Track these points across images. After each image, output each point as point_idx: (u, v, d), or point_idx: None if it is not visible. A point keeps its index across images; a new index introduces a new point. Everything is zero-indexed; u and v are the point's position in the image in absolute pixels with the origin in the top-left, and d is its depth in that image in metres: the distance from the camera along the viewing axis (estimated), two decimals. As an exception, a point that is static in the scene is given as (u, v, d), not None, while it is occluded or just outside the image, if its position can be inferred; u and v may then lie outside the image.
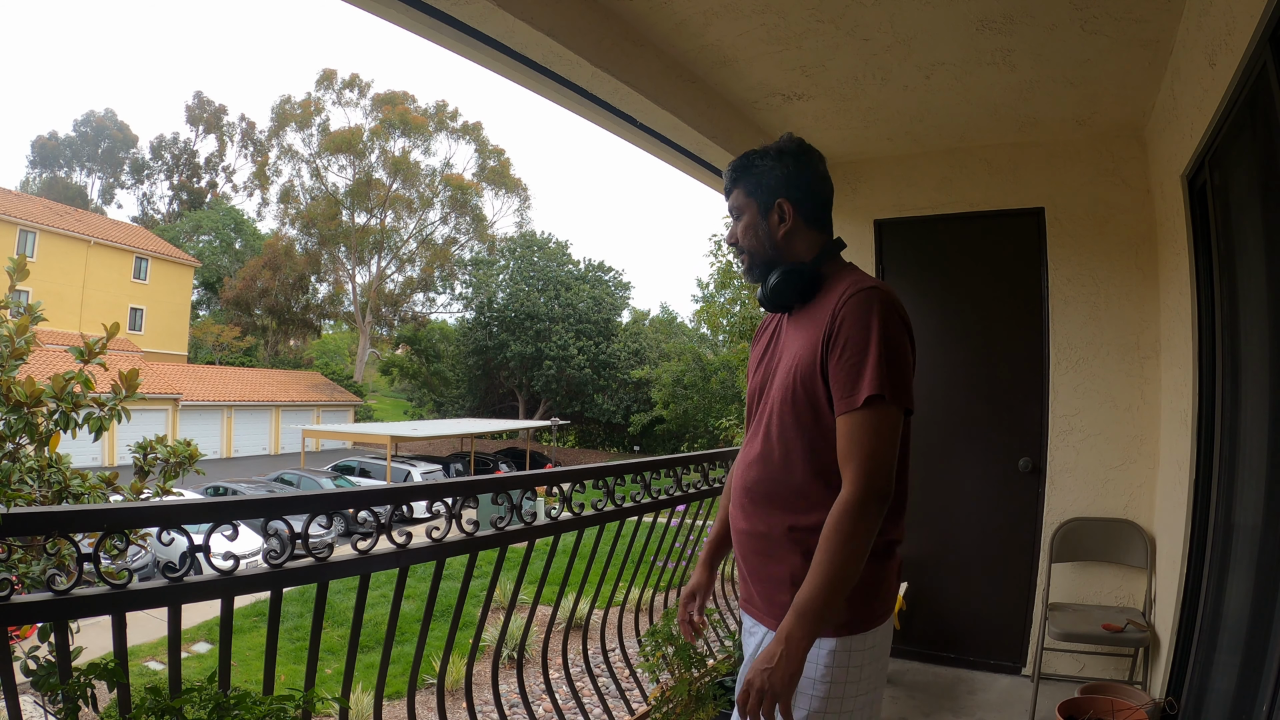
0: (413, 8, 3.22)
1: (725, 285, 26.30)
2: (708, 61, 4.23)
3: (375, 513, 2.83)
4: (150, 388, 36.04)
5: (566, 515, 3.53)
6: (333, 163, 64.71)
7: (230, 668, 2.50)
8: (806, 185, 2.27)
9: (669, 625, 4.20)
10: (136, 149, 75.65)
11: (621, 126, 4.51)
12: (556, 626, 4.25)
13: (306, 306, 66.84)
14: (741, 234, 2.32)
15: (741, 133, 4.91)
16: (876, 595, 2.10)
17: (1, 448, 4.59)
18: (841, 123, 5.06)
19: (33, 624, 2.62)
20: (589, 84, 3.92)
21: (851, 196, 5.84)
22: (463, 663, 6.04)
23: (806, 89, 4.52)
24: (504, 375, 54.25)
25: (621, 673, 4.88)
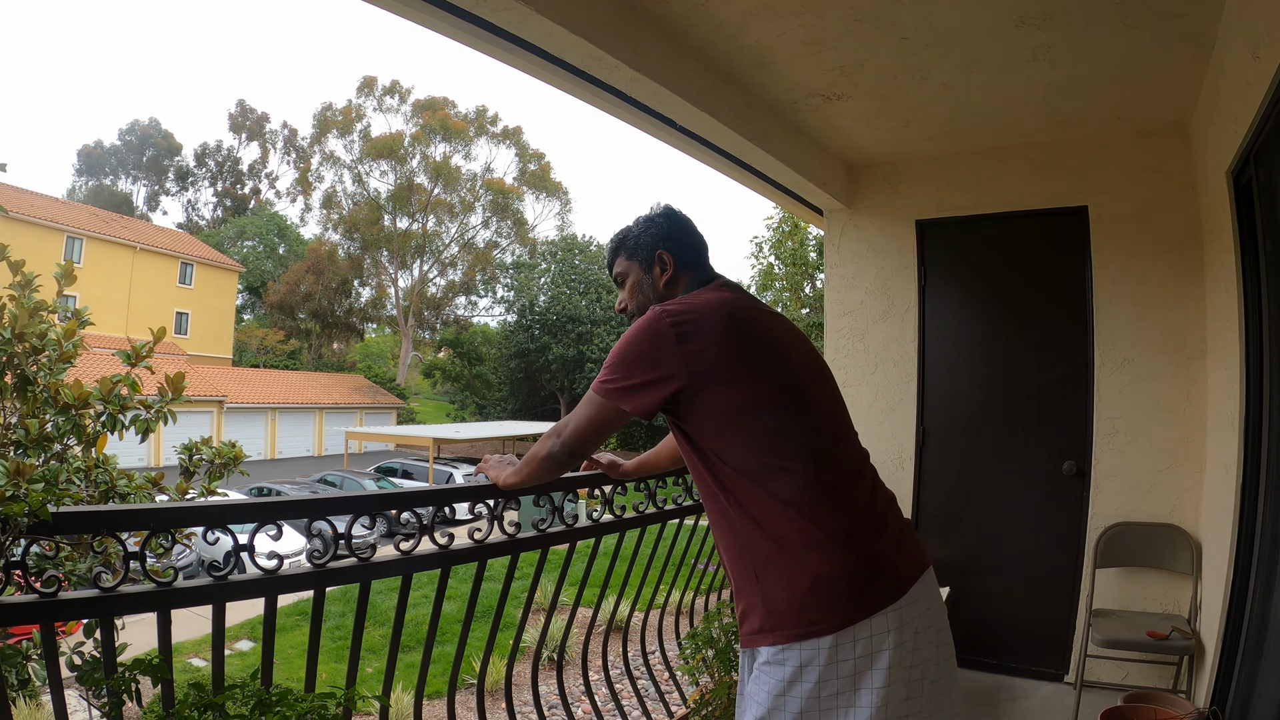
0: (452, 14, 3.23)
1: (766, 287, 26.14)
2: (746, 63, 4.21)
3: (418, 514, 2.84)
4: (196, 390, 36.47)
5: (608, 517, 3.49)
6: (374, 168, 65.40)
7: (273, 665, 2.51)
8: (678, 235, 2.53)
9: (709, 628, 4.18)
10: (181, 157, 76.75)
11: (661, 129, 4.48)
12: (597, 628, 4.24)
13: (349, 310, 67.42)
14: (629, 296, 2.56)
15: (782, 134, 4.89)
16: (810, 602, 2.00)
17: (49, 449, 4.65)
18: (881, 122, 5.03)
19: (79, 620, 2.66)
20: (628, 87, 3.90)
21: (892, 197, 5.82)
22: (503, 663, 6.07)
23: (846, 89, 4.49)
24: (546, 378, 54.34)
25: (661, 675, 4.87)
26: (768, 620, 2.01)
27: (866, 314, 5.89)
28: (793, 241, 24.63)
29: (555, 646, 4.51)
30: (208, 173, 77.74)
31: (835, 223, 6.08)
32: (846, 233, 6.03)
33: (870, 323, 5.86)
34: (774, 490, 2.03)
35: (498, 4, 3.09)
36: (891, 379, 5.74)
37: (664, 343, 2.12)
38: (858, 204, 5.97)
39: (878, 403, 5.75)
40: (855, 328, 5.91)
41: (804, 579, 1.97)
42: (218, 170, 77.89)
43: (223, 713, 2.14)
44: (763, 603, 2.02)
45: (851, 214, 5.99)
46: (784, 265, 25.17)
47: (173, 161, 76.29)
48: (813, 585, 1.96)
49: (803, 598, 1.97)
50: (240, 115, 77.29)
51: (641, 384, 2.15)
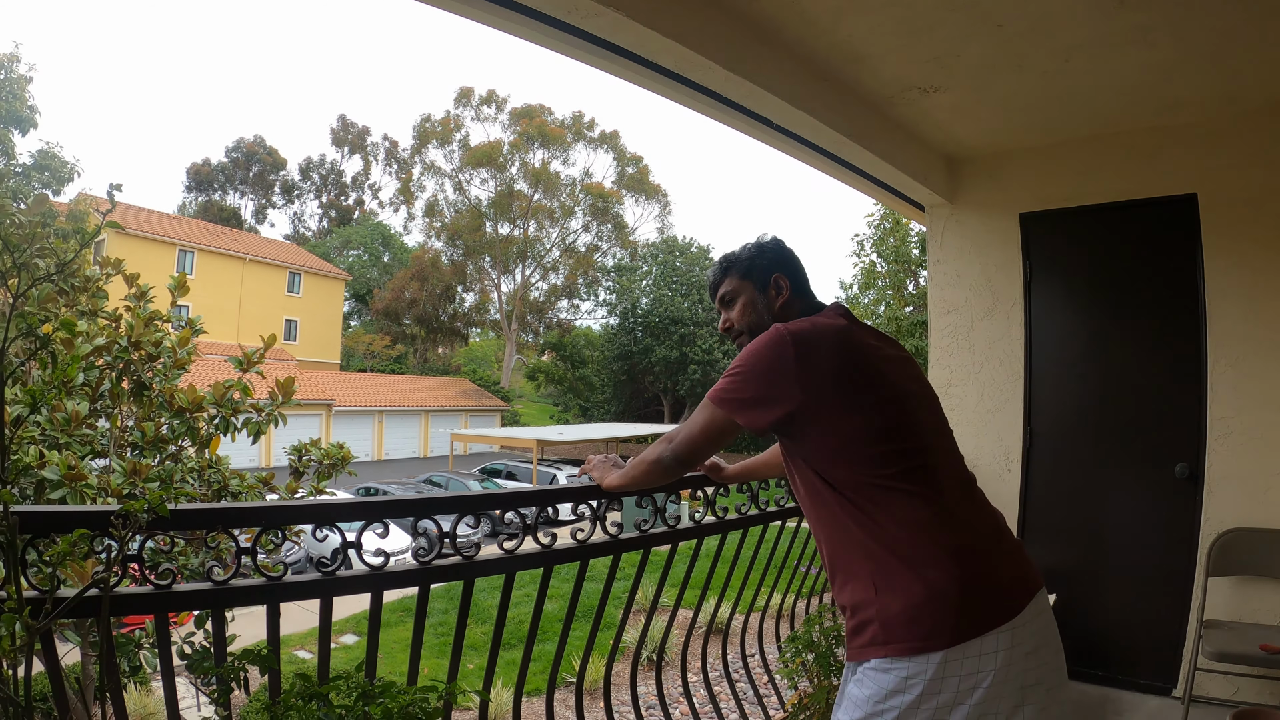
0: (544, 23, 3.26)
1: (869, 286, 25.78)
2: (840, 58, 4.16)
3: (521, 514, 2.87)
4: (305, 394, 37.30)
5: (710, 519, 3.49)
6: (474, 176, 66.37)
7: (377, 658, 2.58)
8: (792, 263, 2.61)
9: (810, 632, 4.15)
10: (286, 171, 79.71)
11: (757, 129, 4.45)
12: (697, 630, 4.24)
13: (454, 315, 68.49)
14: (739, 316, 2.61)
15: (881, 129, 4.81)
16: (925, 616, 2.00)
17: (165, 450, 4.82)
18: (979, 114, 4.92)
19: (191, 611, 2.74)
20: (722, 88, 3.89)
21: (994, 190, 5.66)
22: (602, 663, 6.09)
23: (942, 81, 4.40)
24: (649, 380, 54.43)
25: (760, 679, 4.85)
26: (881, 633, 2.01)
27: (971, 311, 5.72)
28: (895, 238, 24.28)
29: (655, 647, 4.51)
30: (312, 186, 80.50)
31: (937, 218, 5.94)
32: (949, 228, 5.88)
33: (975, 320, 5.69)
34: (891, 510, 2.06)
35: (589, 10, 3.11)
36: (997, 378, 5.56)
37: (785, 361, 2.15)
38: (959, 198, 5.82)
39: (983, 403, 5.58)
40: (960, 325, 5.76)
41: (920, 593, 1.98)
42: (322, 183, 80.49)
43: (327, 702, 2.19)
44: (878, 616, 2.03)
45: (953, 209, 5.84)
46: (886, 263, 24.83)
47: (278, 176, 79.14)
48: (929, 600, 1.97)
49: (918, 611, 1.97)
50: (342, 130, 79.83)
51: (757, 399, 2.20)
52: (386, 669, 2.71)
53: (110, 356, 4.70)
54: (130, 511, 1.94)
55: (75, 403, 4.44)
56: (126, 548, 1.99)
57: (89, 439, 4.45)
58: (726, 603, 4.30)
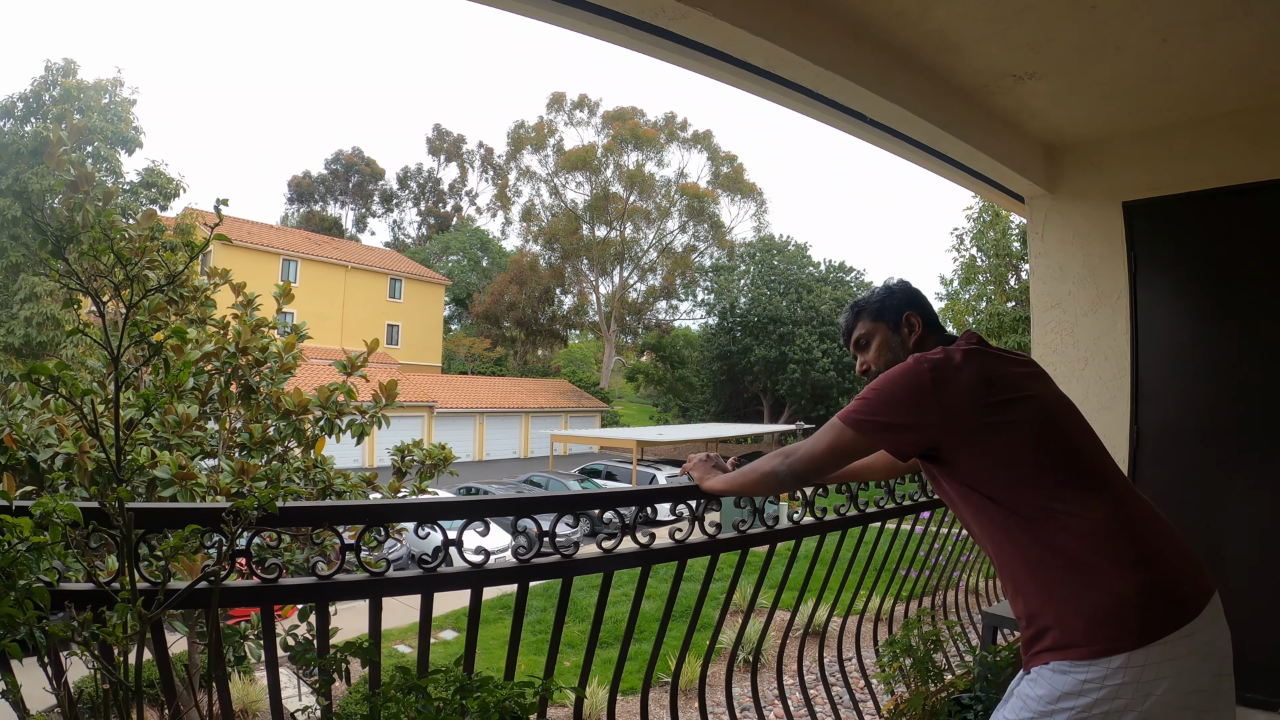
0: (633, 26, 3.27)
1: (969, 281, 25.26)
2: (931, 48, 4.07)
3: (620, 513, 2.89)
4: (407, 396, 37.97)
5: (809, 519, 3.46)
6: (570, 180, 67.03)
7: (475, 654, 2.62)
8: (921, 302, 2.66)
9: (909, 636, 4.09)
10: (384, 180, 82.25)
11: (850, 123, 4.40)
12: (794, 632, 4.21)
13: (553, 318, 69.12)
14: (874, 357, 2.65)
15: (975, 119, 4.70)
16: (1106, 620, 1.98)
17: (271, 450, 4.96)
18: (1077, 100, 4.75)
19: (296, 604, 2.82)
20: (813, 84, 3.85)
21: (1096, 179, 5.41)
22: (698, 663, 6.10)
23: (1037, 67, 4.27)
24: (748, 380, 54.24)
25: (856, 683, 4.81)
26: (1061, 638, 2.01)
27: (1075, 306, 5.49)
28: (994, 231, 23.76)
29: (751, 649, 4.49)
30: (410, 194, 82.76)
31: (1037, 209, 5.73)
32: (1050, 219, 5.66)
33: (1079, 315, 5.46)
34: (1062, 519, 2.05)
35: (676, 12, 3.11)
36: (1103, 375, 5.32)
37: (922, 389, 2.17)
38: (1060, 188, 5.60)
39: (1089, 401, 5.32)
40: (1063, 321, 5.53)
41: (1100, 599, 1.97)
42: (420, 191, 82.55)
43: (425, 695, 2.24)
44: (1056, 622, 2.02)
45: (1054, 199, 5.63)
46: (987, 257, 24.34)
47: (377, 186, 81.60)
48: (1109, 605, 1.96)
49: (1099, 616, 1.96)
50: (437, 139, 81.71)
51: (891, 424, 2.22)
52: (484, 664, 2.75)
53: (219, 362, 4.87)
54: (241, 509, 2.01)
55: (186, 406, 4.60)
56: (235, 543, 2.06)
57: (199, 440, 4.61)
58: (824, 605, 4.26)
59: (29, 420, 4.08)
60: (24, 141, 24.20)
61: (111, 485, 2.02)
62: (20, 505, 1.87)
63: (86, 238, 2.25)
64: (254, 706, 9.14)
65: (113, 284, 2.40)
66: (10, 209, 23.64)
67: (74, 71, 25.96)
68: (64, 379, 1.93)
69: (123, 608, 1.89)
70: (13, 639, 1.79)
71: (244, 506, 2.01)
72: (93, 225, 2.24)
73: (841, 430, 2.29)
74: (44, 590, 1.83)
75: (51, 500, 1.84)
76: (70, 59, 26.18)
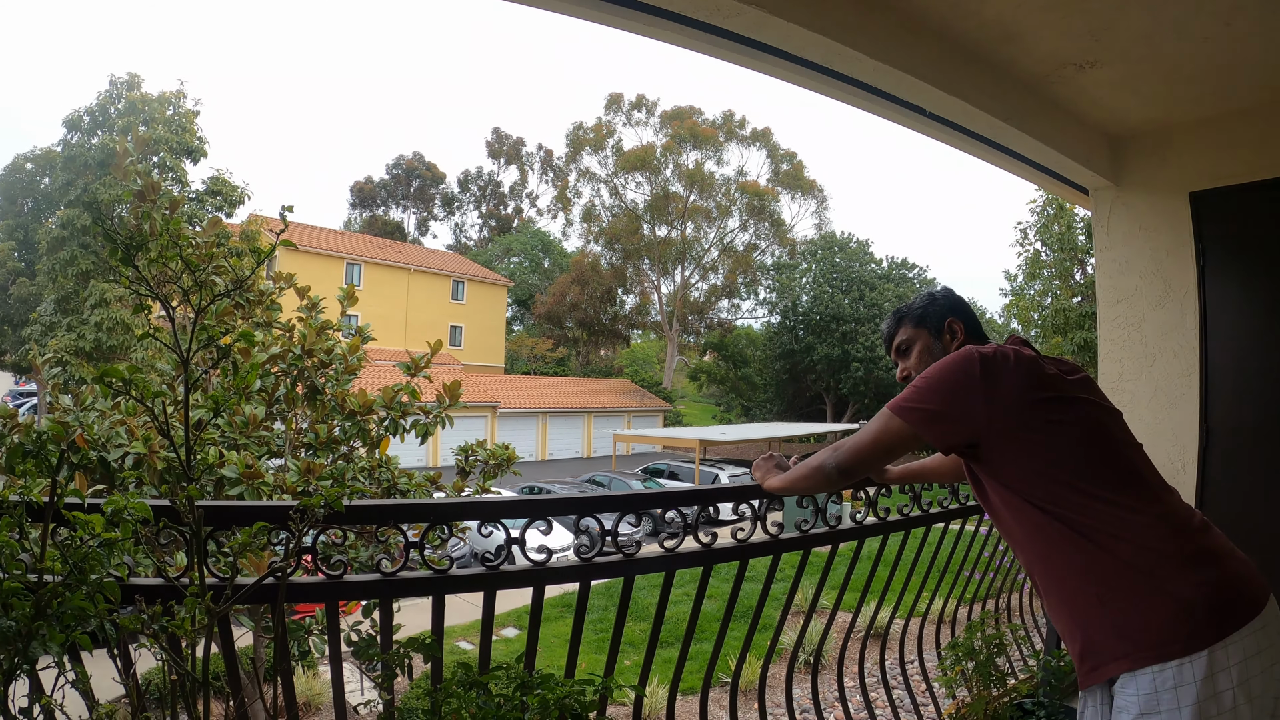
0: (689, 26, 3.26)
1: (1034, 276, 24.76)
2: (990, 39, 4.01)
3: (682, 513, 2.89)
4: (471, 397, 38.27)
5: (871, 519, 3.43)
6: (629, 180, 67.17)
7: (536, 651, 2.64)
8: (964, 309, 2.67)
9: (971, 639, 4.05)
10: (445, 184, 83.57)
11: (910, 118, 4.34)
12: (855, 634, 4.18)
13: (615, 318, 69.33)
14: (915, 364, 2.65)
15: (1036, 110, 4.60)
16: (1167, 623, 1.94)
17: (337, 450, 5.04)
18: (1140, 87, 4.62)
19: (360, 601, 2.86)
20: (871, 78, 3.81)
21: (1160, 169, 5.25)
22: (758, 664, 6.07)
23: (1098, 55, 4.17)
24: (811, 378, 53.96)
25: (917, 686, 4.75)
26: (1120, 645, 1.97)
27: (1142, 300, 5.32)
28: (1059, 225, 23.31)
29: (812, 650, 4.47)
30: (471, 197, 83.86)
31: (1102, 201, 5.56)
32: (1115, 211, 5.49)
33: (1146, 310, 5.29)
34: (1110, 525, 2.02)
35: (731, 10, 3.10)
36: (1171, 372, 5.15)
37: (970, 379, 2.17)
38: (1124, 179, 5.43)
39: (1157, 399, 5.19)
40: (1130, 316, 5.37)
41: (1161, 603, 1.94)
42: (480, 194, 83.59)
43: (486, 691, 2.26)
44: (1115, 632, 1.99)
45: (1119, 191, 5.46)
46: (1051, 251, 23.89)
47: (438, 189, 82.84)
48: (1172, 608, 1.93)
49: (1161, 621, 1.93)
50: (497, 142, 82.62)
51: (939, 413, 2.21)
52: (545, 662, 2.77)
53: (285, 364, 4.95)
54: (308, 506, 2.05)
55: (253, 407, 4.69)
56: (302, 540, 2.09)
57: (265, 440, 4.69)
58: (886, 606, 4.22)
59: (100, 421, 4.18)
60: (91, 154, 24.92)
61: (181, 484, 2.07)
62: (92, 503, 1.92)
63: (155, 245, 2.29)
64: (316, 700, 9.33)
65: (181, 290, 2.45)
66: (80, 218, 24.34)
67: (138, 85, 26.67)
68: (136, 382, 1.97)
69: (191, 602, 1.93)
70: (84, 631, 1.84)
71: (311, 504, 2.05)
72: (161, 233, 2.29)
73: (889, 419, 2.28)
74: (114, 585, 1.88)
75: (122, 498, 1.88)
76: (134, 73, 26.99)
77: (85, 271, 24.78)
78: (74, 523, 1.84)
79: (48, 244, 25.59)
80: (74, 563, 1.82)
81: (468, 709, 2.18)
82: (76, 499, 1.94)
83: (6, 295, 35.70)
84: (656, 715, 8.25)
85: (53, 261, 25.25)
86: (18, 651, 1.77)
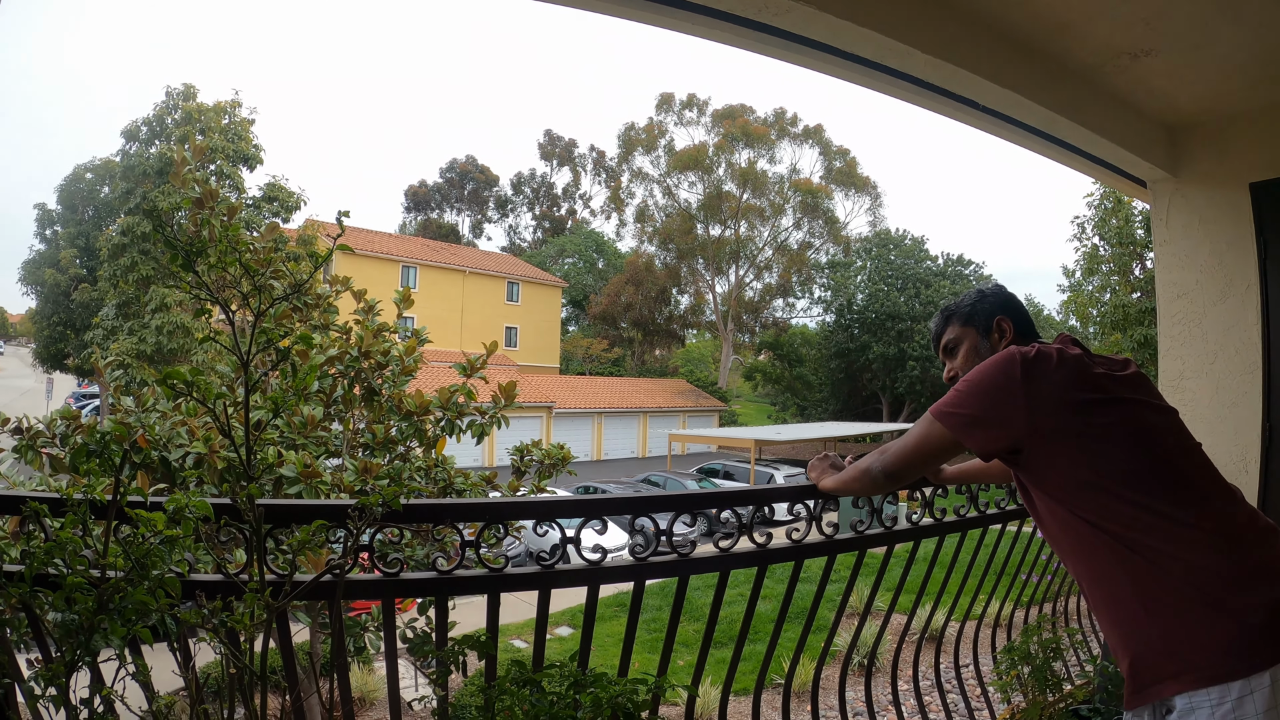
0: (737, 25, 3.26)
1: (1092, 272, 24.37)
2: (1042, 29, 3.95)
3: (737, 513, 2.89)
4: (526, 397, 38.48)
5: (927, 520, 3.39)
6: (682, 180, 67.16)
7: (590, 650, 2.66)
8: (1014, 306, 2.62)
9: (1028, 643, 3.99)
10: (499, 187, 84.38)
11: (962, 111, 4.29)
12: (910, 636, 4.15)
13: (669, 317, 69.37)
14: (962, 363, 2.64)
15: (1093, 101, 4.52)
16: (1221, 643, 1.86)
17: (394, 450, 5.10)
18: (1196, 76, 4.51)
19: (415, 598, 2.89)
20: (923, 73, 3.77)
21: (1220, 160, 5.10)
22: (812, 666, 6.05)
23: (1153, 43, 4.08)
24: (867, 377, 53.62)
25: (972, 690, 4.71)
26: (1171, 664, 1.90)
27: (1202, 296, 5.16)
28: (1116, 219, 22.92)
29: (866, 652, 4.43)
30: (525, 199, 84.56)
31: (1160, 194, 5.41)
32: (1174, 204, 5.34)
33: (1207, 305, 5.13)
34: (1162, 539, 1.94)
35: (780, 7, 3.09)
36: (1233, 369, 5.00)
37: (1012, 381, 2.12)
38: (1183, 171, 5.28)
39: (1218, 397, 5.04)
40: (1191, 312, 5.21)
41: (1217, 619, 1.86)
42: (534, 196, 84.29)
43: (540, 689, 2.28)
44: (1166, 649, 1.91)
45: (1178, 183, 5.30)
46: (1109, 246, 23.49)
47: (491, 192, 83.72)
48: (1227, 625, 1.85)
49: (1217, 638, 1.85)
50: (549, 144, 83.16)
51: (978, 418, 2.18)
52: (598, 661, 2.77)
53: (342, 365, 5.02)
54: (366, 505, 2.08)
55: (311, 408, 4.76)
56: (359, 538, 2.12)
57: (324, 440, 4.76)
58: (941, 609, 4.18)
59: (161, 422, 4.26)
60: (149, 163, 25.55)
61: (242, 483, 2.10)
62: (154, 501, 1.96)
63: (214, 251, 2.34)
64: (371, 696, 9.46)
65: (240, 294, 2.50)
66: (140, 225, 24.92)
67: (193, 95, 27.28)
68: (198, 384, 2.01)
69: (251, 597, 1.96)
70: (145, 625, 1.88)
71: (369, 503, 2.08)
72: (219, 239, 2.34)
73: (930, 425, 2.29)
74: (175, 580, 1.92)
75: (184, 496, 1.92)
76: (189, 84, 27.66)
77: (145, 277, 25.39)
78: (137, 520, 1.88)
79: (108, 251, 26.26)
80: (136, 559, 1.86)
81: (521, 706, 2.20)
82: (139, 497, 1.98)
83: (69, 300, 36.72)
84: (709, 715, 8.25)
85: (113, 268, 25.91)
86: (80, 644, 1.82)
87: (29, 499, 1.98)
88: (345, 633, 2.43)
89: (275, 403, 2.19)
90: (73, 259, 37.97)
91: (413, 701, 3.12)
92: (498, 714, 2.23)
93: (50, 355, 40.55)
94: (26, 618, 2.08)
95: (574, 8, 3.22)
